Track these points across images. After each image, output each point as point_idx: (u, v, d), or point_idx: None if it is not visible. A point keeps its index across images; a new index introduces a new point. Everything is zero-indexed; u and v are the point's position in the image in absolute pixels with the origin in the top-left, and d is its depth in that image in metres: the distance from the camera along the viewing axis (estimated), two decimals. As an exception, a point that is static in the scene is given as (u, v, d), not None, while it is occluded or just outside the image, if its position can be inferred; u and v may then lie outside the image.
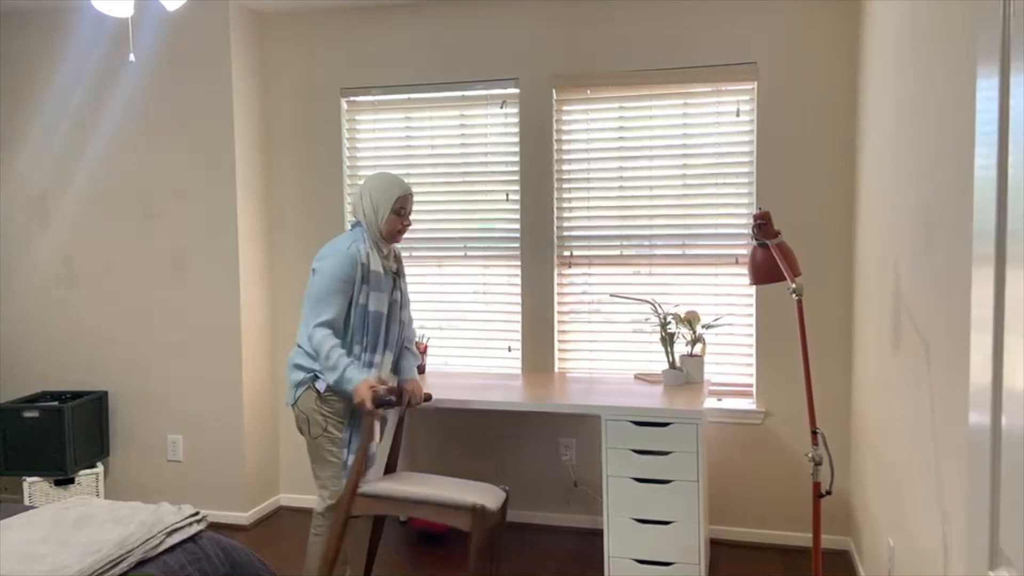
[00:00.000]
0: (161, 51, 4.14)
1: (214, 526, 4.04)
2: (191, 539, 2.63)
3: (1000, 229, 1.35)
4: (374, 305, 2.98)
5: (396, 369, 3.20)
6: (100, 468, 4.18)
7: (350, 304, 2.95)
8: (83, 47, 4.24)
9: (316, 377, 2.95)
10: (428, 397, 3.24)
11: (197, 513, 2.77)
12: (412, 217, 4.21)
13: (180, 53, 4.12)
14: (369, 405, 2.82)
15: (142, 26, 4.14)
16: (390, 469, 3.17)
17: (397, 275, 3.12)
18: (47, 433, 3.98)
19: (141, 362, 4.29)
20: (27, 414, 4.00)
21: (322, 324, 2.90)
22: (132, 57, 2.80)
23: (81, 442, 4.09)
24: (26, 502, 3.99)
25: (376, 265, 2.98)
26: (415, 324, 4.21)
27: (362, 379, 2.86)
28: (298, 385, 2.98)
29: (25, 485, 3.98)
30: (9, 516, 2.75)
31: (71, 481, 4.06)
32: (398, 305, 3.11)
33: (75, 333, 4.37)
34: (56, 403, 4.05)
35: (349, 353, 2.96)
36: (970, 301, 1.73)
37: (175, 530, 2.64)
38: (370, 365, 3.00)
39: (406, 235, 4.21)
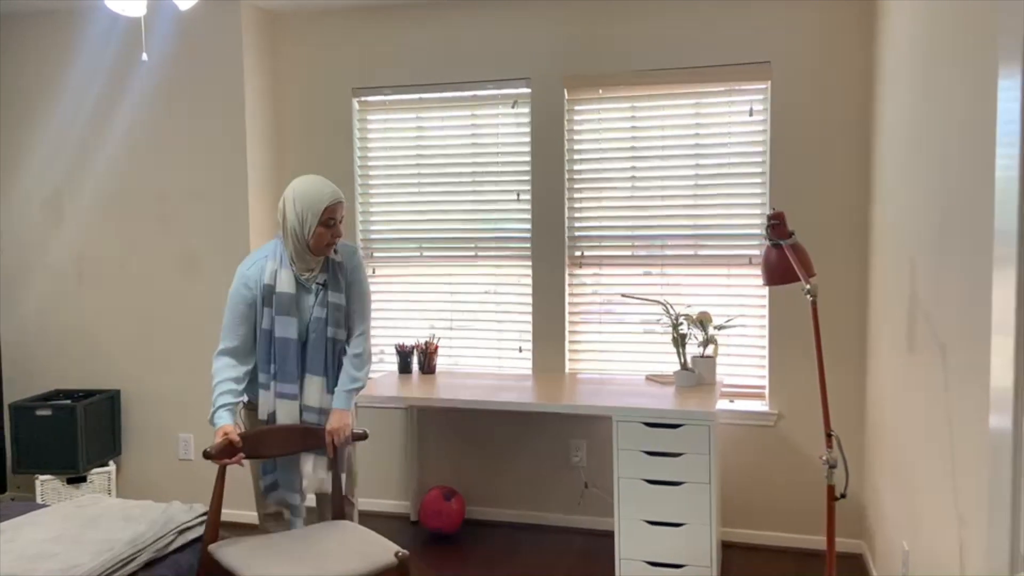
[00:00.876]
0: (173, 51, 4.15)
1: (225, 525, 4.04)
2: (202, 538, 2.63)
3: (1022, 230, 1.33)
4: (280, 331, 2.66)
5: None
6: (112, 466, 4.19)
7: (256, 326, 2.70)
8: (96, 47, 4.25)
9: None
10: (361, 435, 2.79)
11: (208, 512, 2.78)
12: (424, 216, 4.22)
13: (192, 52, 4.13)
14: (208, 452, 2.49)
15: (154, 26, 4.15)
16: (336, 514, 2.80)
17: (325, 287, 2.74)
18: (60, 431, 3.99)
19: (153, 361, 4.30)
20: (40, 412, 4.01)
21: (221, 353, 2.68)
22: (144, 56, 2.79)
23: (93, 440, 4.10)
24: (38, 500, 4.00)
25: (285, 286, 2.65)
26: (428, 323, 4.22)
27: (220, 425, 2.56)
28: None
29: (38, 483, 4.00)
30: (22, 514, 2.76)
31: (83, 479, 4.07)
32: (323, 322, 2.72)
33: (88, 332, 4.39)
34: (69, 401, 4.07)
35: (253, 381, 2.72)
36: (989, 303, 1.71)
37: (186, 529, 2.65)
38: (286, 396, 2.69)
39: (417, 234, 4.23)
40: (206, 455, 2.46)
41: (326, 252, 2.71)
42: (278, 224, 2.70)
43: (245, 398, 2.77)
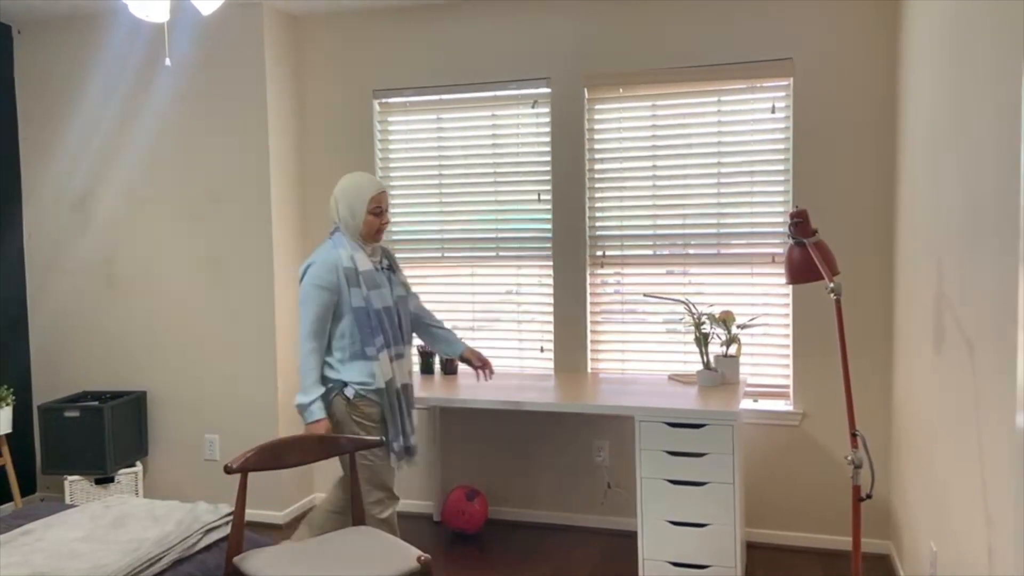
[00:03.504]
0: (196, 55, 4.19)
1: (250, 525, 4.08)
2: (227, 538, 2.65)
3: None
4: (378, 303, 2.95)
5: (447, 349, 3.27)
6: (139, 467, 4.24)
7: (337, 311, 2.94)
8: (119, 52, 4.30)
9: (345, 383, 2.93)
10: (377, 443, 2.85)
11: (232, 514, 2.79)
12: (445, 217, 4.23)
13: (215, 56, 4.17)
14: (228, 466, 2.50)
15: (177, 30, 4.19)
16: (357, 520, 2.80)
17: (391, 270, 3.08)
18: (87, 432, 4.05)
19: (179, 363, 4.35)
20: (68, 414, 4.07)
21: (315, 350, 2.90)
22: (168, 61, 2.82)
23: (120, 441, 4.16)
24: (67, 500, 4.06)
25: (366, 264, 2.96)
26: (450, 323, 4.22)
27: (319, 418, 2.87)
28: (326, 394, 2.95)
29: (66, 484, 4.06)
30: (51, 514, 2.80)
31: (111, 480, 4.12)
32: (405, 299, 3.10)
33: (115, 334, 4.44)
34: (96, 403, 4.12)
35: (362, 355, 2.92)
36: (1017, 301, 1.68)
37: (212, 529, 2.67)
38: (402, 357, 3.01)
39: (439, 235, 4.24)
40: (227, 470, 2.48)
41: (378, 238, 3.02)
42: (336, 221, 2.98)
43: (350, 392, 2.95)
